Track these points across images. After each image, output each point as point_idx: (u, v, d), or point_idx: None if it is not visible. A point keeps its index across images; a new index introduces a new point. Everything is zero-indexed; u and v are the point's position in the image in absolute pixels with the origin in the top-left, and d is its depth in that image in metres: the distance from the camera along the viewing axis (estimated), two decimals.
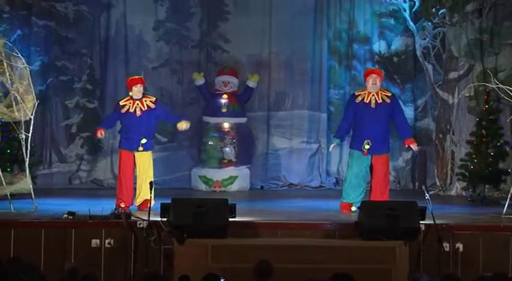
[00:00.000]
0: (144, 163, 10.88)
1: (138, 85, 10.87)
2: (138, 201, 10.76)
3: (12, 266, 7.52)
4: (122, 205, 10.41)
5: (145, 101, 10.83)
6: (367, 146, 10.71)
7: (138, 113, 10.75)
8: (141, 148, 10.77)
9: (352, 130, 11.05)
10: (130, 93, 10.85)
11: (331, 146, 11.39)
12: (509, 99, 11.20)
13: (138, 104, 10.76)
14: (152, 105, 10.84)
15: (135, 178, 10.93)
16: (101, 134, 10.89)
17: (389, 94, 10.90)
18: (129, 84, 11.02)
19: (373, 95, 10.68)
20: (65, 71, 13.54)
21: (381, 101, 10.69)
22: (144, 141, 10.76)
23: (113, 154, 13.57)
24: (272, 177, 13.88)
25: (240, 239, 9.55)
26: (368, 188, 10.97)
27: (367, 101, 10.69)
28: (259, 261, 7.33)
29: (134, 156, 10.82)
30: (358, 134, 10.86)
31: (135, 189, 10.88)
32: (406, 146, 11.25)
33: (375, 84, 10.74)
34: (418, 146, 11.51)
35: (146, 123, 10.81)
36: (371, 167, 10.85)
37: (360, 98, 10.73)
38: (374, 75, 10.79)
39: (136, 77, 11.28)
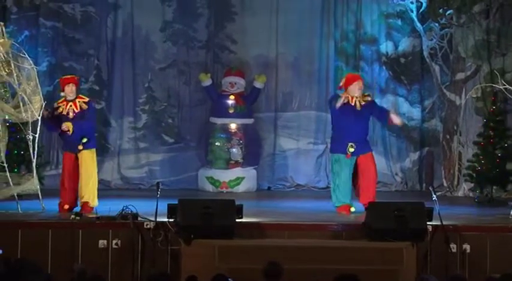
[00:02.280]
0: (86, 162, 10.72)
1: (71, 85, 10.66)
2: (81, 203, 10.61)
3: (20, 267, 7.51)
4: (66, 207, 10.43)
5: (79, 101, 10.63)
6: (351, 149, 10.71)
7: (71, 115, 10.58)
8: (81, 147, 10.59)
9: (332, 135, 11.07)
10: (63, 94, 10.66)
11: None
12: None
13: (71, 105, 10.59)
14: (85, 106, 10.64)
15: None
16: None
17: (367, 94, 10.96)
18: (61, 84, 10.82)
19: (357, 97, 10.68)
20: (72, 71, 13.45)
21: (363, 103, 10.70)
22: (84, 140, 10.60)
23: (120, 155, 13.61)
24: (279, 178, 13.90)
25: (247, 240, 9.53)
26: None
27: (353, 104, 10.68)
28: (269, 262, 7.32)
29: (77, 157, 10.67)
30: (341, 138, 10.84)
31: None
32: (390, 123, 11.18)
33: (360, 89, 10.74)
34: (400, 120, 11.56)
35: (82, 124, 10.62)
36: (355, 167, 10.85)
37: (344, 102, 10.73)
38: (359, 81, 10.79)
39: (69, 76, 11.12)
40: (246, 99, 13.46)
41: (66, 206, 10.46)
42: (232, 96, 13.36)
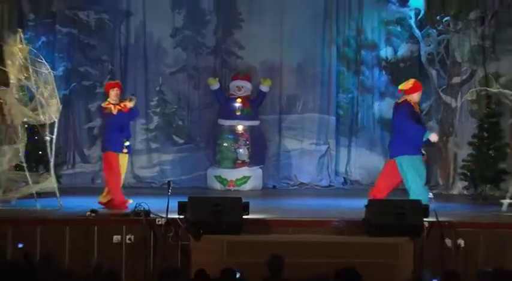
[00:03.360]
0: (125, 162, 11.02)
1: (115, 89, 10.84)
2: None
3: (39, 261, 7.61)
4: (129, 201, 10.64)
5: (122, 105, 10.79)
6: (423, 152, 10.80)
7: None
8: (125, 150, 10.84)
9: (405, 137, 10.70)
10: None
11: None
12: (509, 102, 11.25)
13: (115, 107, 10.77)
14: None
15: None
16: None
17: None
18: (106, 88, 11.05)
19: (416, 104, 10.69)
20: (87, 76, 13.62)
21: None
22: (127, 143, 10.85)
23: (132, 155, 13.55)
24: (284, 177, 13.92)
25: (254, 235, 9.58)
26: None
27: (417, 110, 10.73)
28: (271, 256, 7.43)
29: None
30: (417, 141, 10.72)
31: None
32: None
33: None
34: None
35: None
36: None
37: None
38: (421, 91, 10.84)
39: (113, 82, 11.39)
40: (253, 102, 13.51)
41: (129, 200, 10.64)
42: (239, 99, 13.41)
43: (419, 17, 13.57)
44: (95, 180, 13.59)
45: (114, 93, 10.77)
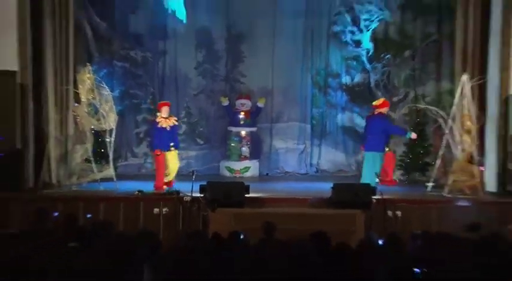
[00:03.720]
0: (174, 158, 11.10)
1: (166, 107, 11.12)
2: (167, 179, 10.95)
3: (102, 225, 7.60)
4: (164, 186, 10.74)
5: (171, 119, 11.08)
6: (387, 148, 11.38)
7: (168, 128, 10.99)
8: (172, 148, 11.02)
9: (381, 137, 11.19)
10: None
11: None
12: (432, 115, 11.27)
13: (166, 121, 11.02)
14: (175, 122, 11.14)
15: None
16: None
17: None
18: (159, 106, 11.26)
19: None
20: (135, 96, 13.60)
21: None
22: (172, 144, 11.03)
23: None
24: (274, 167, 13.86)
25: (253, 208, 9.65)
26: None
27: None
28: (266, 223, 7.43)
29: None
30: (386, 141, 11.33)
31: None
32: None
33: None
34: None
35: (173, 134, 11.11)
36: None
37: None
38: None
39: (164, 101, 11.52)
40: (252, 115, 13.47)
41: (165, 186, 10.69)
42: (242, 113, 13.39)
43: (369, 55, 13.53)
44: (140, 169, 13.52)
45: (165, 110, 10.97)
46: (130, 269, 5.08)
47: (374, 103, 11.44)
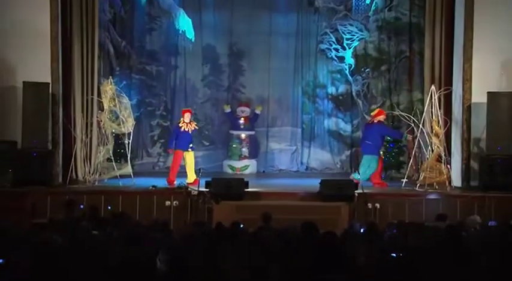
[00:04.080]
0: (191, 157, 11.01)
1: (188, 113, 11.09)
2: (190, 181, 10.70)
3: (120, 216, 7.55)
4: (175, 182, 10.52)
5: (192, 124, 11.03)
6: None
7: (190, 132, 10.94)
8: (190, 150, 10.92)
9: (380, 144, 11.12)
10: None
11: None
12: (405, 120, 11.24)
13: (188, 125, 10.98)
14: (195, 127, 11.10)
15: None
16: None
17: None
18: (183, 112, 11.20)
19: None
20: (150, 105, 13.50)
21: None
22: (191, 145, 10.94)
23: None
24: (270, 165, 13.72)
25: (252, 201, 9.59)
26: None
27: None
28: (263, 213, 7.39)
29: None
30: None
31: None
32: None
33: None
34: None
35: (191, 137, 11.01)
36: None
37: None
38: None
39: (187, 108, 11.51)
40: (251, 120, 13.35)
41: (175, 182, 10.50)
42: (242, 118, 13.27)
43: (351, 69, 13.46)
44: (154, 167, 13.43)
45: (187, 116, 10.98)
46: (146, 252, 5.03)
47: (372, 113, 11.46)
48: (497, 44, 10.71)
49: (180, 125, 11.00)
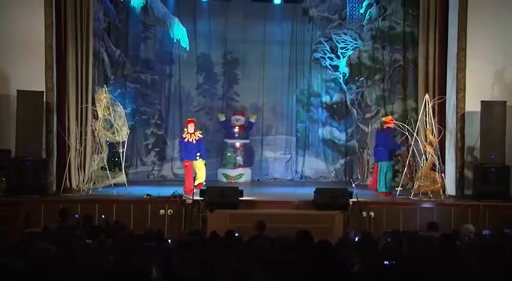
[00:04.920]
0: (201, 166, 11.16)
1: (192, 124, 11.15)
2: (197, 182, 10.86)
3: (114, 226, 7.53)
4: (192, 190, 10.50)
5: (196, 134, 11.11)
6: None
7: (194, 142, 11.01)
8: (198, 158, 11.06)
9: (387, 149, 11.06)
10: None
11: None
12: (400, 129, 11.28)
13: (191, 136, 11.06)
14: (200, 137, 11.16)
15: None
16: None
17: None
18: (186, 123, 11.24)
19: None
20: (145, 113, 13.49)
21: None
22: (198, 154, 11.05)
23: (172, 161, 13.50)
24: (264, 174, 13.76)
25: (246, 209, 9.58)
26: None
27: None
28: (258, 221, 7.38)
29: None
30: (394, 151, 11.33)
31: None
32: None
33: None
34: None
35: (199, 146, 11.12)
36: None
37: None
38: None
39: (190, 119, 11.51)
40: (245, 129, 13.37)
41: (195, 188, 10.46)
42: (237, 127, 13.29)
43: (345, 78, 13.53)
44: (148, 176, 13.41)
45: (190, 126, 11.08)
46: (140, 261, 5.02)
47: (383, 119, 11.52)
48: (491, 53, 10.80)
49: (184, 136, 11.08)
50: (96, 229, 7.19)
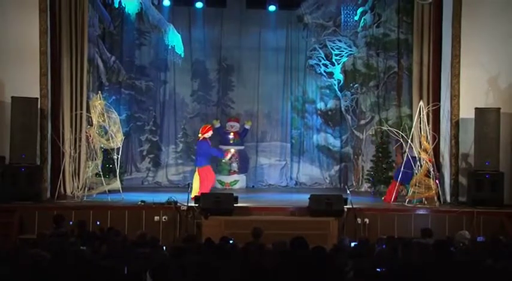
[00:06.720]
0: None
1: (210, 132, 11.13)
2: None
3: (108, 231, 7.51)
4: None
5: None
6: None
7: None
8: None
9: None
10: (200, 135, 11.15)
11: None
12: (394, 135, 11.30)
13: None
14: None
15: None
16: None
17: None
18: (204, 129, 11.17)
19: None
20: (139, 119, 13.46)
21: None
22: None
23: (167, 167, 13.46)
24: (259, 180, 13.73)
25: (240, 216, 9.55)
26: None
27: None
28: (254, 228, 7.37)
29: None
30: None
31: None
32: None
33: None
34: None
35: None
36: None
37: None
38: None
39: (207, 126, 11.45)
40: (240, 135, 13.35)
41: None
42: (232, 133, 13.27)
43: (340, 84, 13.54)
44: (143, 182, 13.38)
45: (210, 133, 11.09)
46: (134, 267, 5.00)
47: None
48: (485, 61, 10.85)
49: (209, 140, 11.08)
50: (90, 235, 7.15)
